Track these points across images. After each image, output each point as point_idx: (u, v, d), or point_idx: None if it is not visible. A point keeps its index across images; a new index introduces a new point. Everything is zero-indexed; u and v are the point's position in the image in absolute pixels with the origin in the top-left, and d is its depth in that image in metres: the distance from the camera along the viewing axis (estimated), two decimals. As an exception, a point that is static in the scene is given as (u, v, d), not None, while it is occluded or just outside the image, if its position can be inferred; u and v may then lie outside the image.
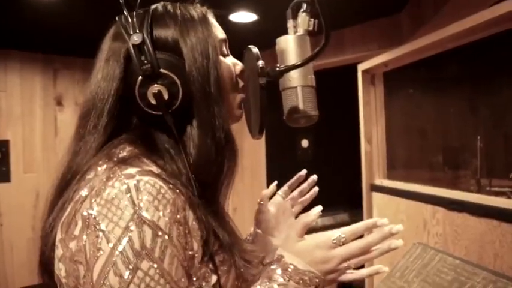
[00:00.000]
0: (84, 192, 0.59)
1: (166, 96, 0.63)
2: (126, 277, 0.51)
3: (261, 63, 0.68)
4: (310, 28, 0.73)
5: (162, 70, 0.63)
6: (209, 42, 0.68)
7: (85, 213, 0.56)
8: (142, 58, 0.62)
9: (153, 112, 0.64)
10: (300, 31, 0.74)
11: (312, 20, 0.73)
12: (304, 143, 4.12)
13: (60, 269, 0.59)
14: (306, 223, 0.71)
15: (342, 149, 3.94)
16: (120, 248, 0.52)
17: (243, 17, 2.50)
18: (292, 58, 0.72)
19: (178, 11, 0.69)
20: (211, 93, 0.66)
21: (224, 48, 0.74)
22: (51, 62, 3.04)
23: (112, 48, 0.68)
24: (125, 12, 0.66)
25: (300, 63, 0.70)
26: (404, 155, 2.50)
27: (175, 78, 0.64)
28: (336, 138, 4.07)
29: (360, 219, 2.56)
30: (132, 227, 0.53)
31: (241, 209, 3.88)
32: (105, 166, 0.61)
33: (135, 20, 0.65)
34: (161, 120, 0.65)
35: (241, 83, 0.76)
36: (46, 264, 0.65)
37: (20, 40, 2.72)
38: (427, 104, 2.32)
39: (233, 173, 0.69)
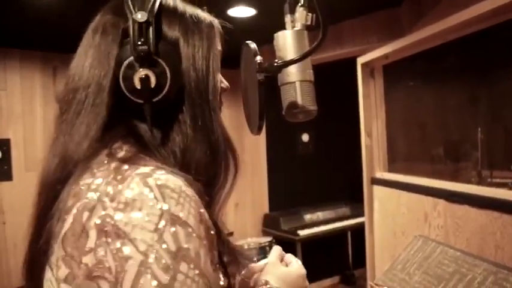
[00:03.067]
0: (87, 199, 0.51)
1: (153, 84, 0.57)
2: (166, 282, 0.46)
3: (259, 58, 0.68)
4: (308, 23, 0.73)
5: (158, 59, 0.58)
6: (212, 50, 0.65)
7: (99, 222, 0.49)
8: (141, 40, 0.57)
9: (132, 98, 0.58)
10: (298, 26, 0.73)
11: (310, 14, 0.73)
12: (305, 137, 4.12)
13: None
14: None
15: (343, 142, 3.94)
16: (153, 253, 0.47)
17: (242, 11, 2.49)
18: (290, 53, 0.72)
19: (189, 10, 0.66)
20: (208, 98, 0.63)
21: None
22: (50, 60, 3.03)
23: (111, 21, 0.62)
24: None
25: (298, 58, 0.70)
26: (405, 147, 2.49)
27: (168, 71, 0.58)
28: (337, 132, 4.08)
29: (361, 212, 2.57)
30: (163, 228, 0.48)
31: (243, 204, 3.89)
32: (106, 167, 0.55)
33: None
34: (141, 110, 0.59)
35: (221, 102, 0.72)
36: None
37: (18, 38, 2.72)
38: (427, 96, 2.32)
39: (232, 184, 0.66)
